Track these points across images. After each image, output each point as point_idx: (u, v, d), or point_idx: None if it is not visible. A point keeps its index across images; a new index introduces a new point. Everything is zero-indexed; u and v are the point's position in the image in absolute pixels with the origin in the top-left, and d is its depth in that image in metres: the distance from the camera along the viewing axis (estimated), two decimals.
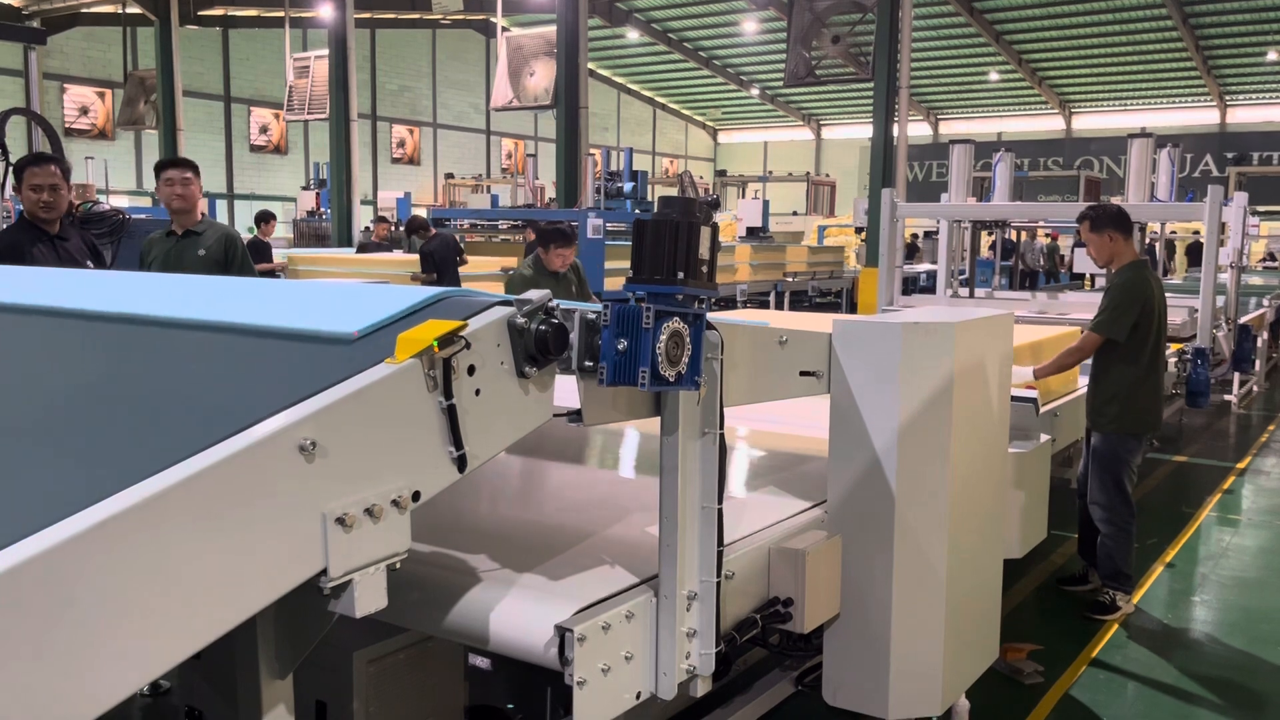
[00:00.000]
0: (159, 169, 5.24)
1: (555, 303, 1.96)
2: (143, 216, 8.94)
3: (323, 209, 21.20)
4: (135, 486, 1.40)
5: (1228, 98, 33.83)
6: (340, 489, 1.63)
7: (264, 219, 13.59)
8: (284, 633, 1.99)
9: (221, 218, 24.87)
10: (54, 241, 4.60)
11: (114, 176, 23.83)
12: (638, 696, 2.17)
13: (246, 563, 1.50)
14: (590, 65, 18.70)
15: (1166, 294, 5.00)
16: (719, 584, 2.25)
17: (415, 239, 11.88)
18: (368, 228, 19.20)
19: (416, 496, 1.76)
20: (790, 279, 16.77)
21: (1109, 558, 4.79)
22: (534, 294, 1.94)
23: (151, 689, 3.61)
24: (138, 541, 1.37)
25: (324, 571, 1.62)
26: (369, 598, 1.69)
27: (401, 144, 33.01)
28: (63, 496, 1.39)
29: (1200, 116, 34.06)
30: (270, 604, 1.56)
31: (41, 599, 1.27)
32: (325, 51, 18.80)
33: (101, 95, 25.89)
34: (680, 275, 2.01)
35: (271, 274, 12.00)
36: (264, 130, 29.60)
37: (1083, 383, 5.09)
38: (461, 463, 1.82)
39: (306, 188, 24.22)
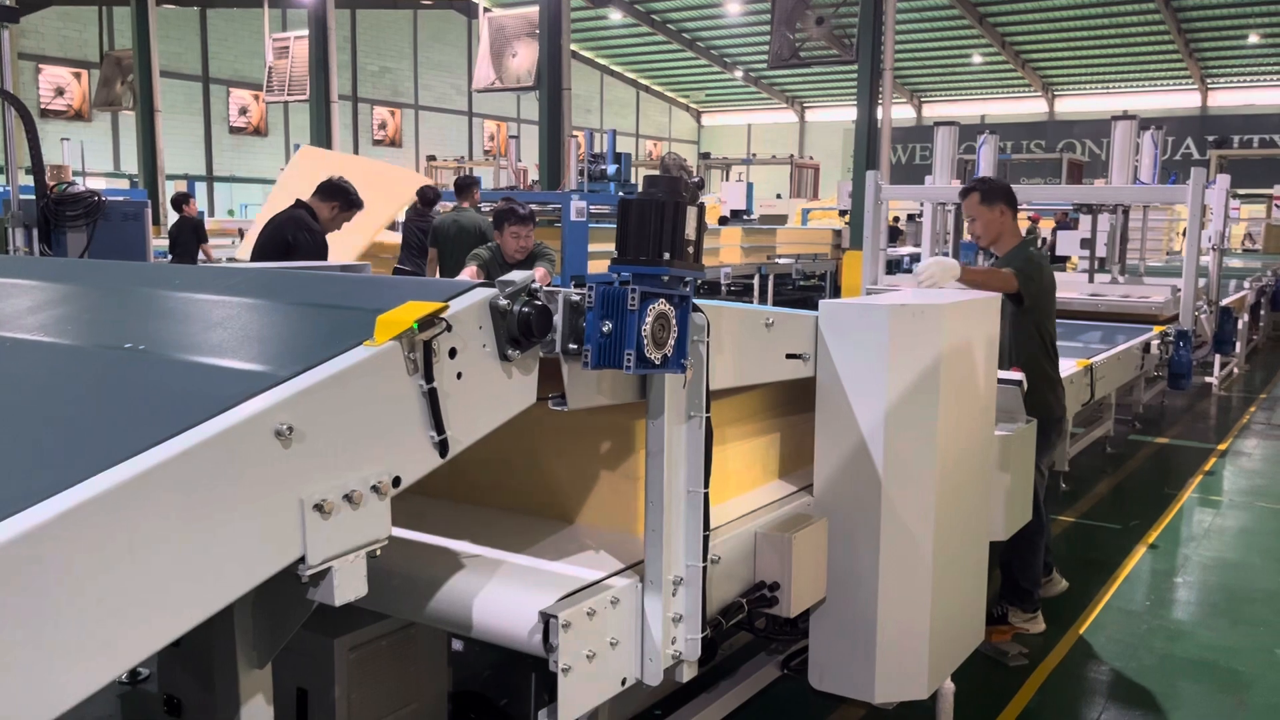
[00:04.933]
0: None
1: (538, 285, 1.92)
2: (119, 199, 8.82)
3: None
4: (107, 471, 1.36)
5: (1209, 80, 33.94)
6: (318, 475, 1.59)
7: (184, 199, 13.41)
8: (262, 621, 1.95)
9: (201, 201, 24.62)
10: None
11: (90, 158, 23.55)
12: (623, 682, 2.15)
13: (222, 550, 1.47)
14: (573, 46, 18.58)
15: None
16: (705, 569, 2.23)
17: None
18: None
19: (397, 482, 1.73)
20: (780, 260, 16.67)
21: (1007, 568, 4.27)
22: (517, 275, 1.91)
23: (130, 677, 3.58)
24: (110, 528, 1.34)
25: (302, 559, 1.59)
26: (348, 585, 1.66)
27: (383, 126, 32.74)
28: (33, 483, 1.35)
29: (1182, 99, 34.16)
30: (248, 592, 1.53)
31: (10, 587, 1.23)
32: (305, 32, 18.58)
33: (77, 76, 25.52)
34: (666, 256, 1.98)
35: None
36: (243, 112, 29.29)
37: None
38: (443, 448, 1.78)
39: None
